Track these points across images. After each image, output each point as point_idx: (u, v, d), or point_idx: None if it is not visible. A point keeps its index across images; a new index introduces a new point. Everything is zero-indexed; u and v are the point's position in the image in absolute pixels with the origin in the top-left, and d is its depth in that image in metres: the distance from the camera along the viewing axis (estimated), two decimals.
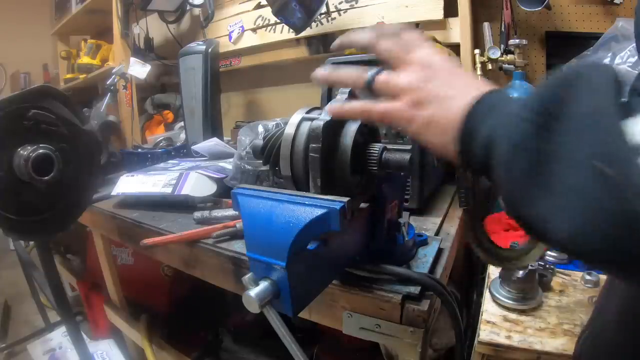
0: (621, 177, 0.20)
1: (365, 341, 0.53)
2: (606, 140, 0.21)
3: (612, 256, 0.22)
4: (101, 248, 1.15)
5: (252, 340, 1.23)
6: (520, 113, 0.27)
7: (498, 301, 0.70)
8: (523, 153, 0.26)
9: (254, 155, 0.54)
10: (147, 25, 1.79)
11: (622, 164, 0.21)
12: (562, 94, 0.24)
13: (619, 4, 0.98)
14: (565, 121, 0.24)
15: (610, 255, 0.22)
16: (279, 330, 0.41)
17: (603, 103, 0.22)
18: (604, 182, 0.21)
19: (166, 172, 0.90)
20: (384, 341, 0.51)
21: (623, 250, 0.21)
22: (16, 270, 1.79)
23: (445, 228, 0.73)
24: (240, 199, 0.45)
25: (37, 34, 2.62)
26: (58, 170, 0.62)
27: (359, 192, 0.48)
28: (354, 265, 0.52)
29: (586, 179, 0.22)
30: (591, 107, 0.23)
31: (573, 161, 0.23)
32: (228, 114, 1.74)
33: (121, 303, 1.24)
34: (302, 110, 0.49)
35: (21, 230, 0.62)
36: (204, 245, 0.67)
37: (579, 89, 0.23)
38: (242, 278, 0.40)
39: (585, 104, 0.23)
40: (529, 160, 0.25)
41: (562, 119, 0.24)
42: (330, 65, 0.43)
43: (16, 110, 0.58)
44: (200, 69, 1.30)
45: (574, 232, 0.23)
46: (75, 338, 0.85)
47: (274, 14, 1.23)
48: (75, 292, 1.72)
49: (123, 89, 1.63)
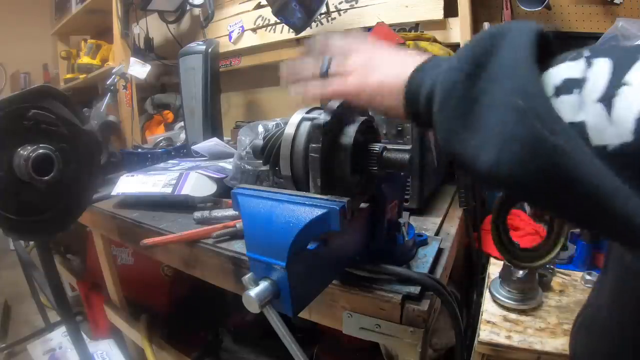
0: (531, 107, 0.23)
1: (365, 341, 0.53)
2: (522, 82, 0.25)
3: (524, 181, 0.24)
4: (101, 248, 1.15)
5: (252, 340, 1.23)
6: (453, 65, 0.30)
7: (498, 301, 0.70)
8: (454, 98, 0.29)
9: (254, 155, 0.54)
10: (147, 25, 1.79)
11: (533, 98, 0.24)
12: (489, 48, 0.28)
13: (619, 4, 0.98)
14: (491, 70, 0.27)
15: (524, 180, 0.24)
16: (279, 330, 0.41)
17: (522, 54, 0.25)
18: (517, 113, 0.24)
19: (166, 172, 0.90)
20: (384, 341, 0.51)
21: (532, 174, 0.24)
22: (16, 270, 1.79)
23: (445, 228, 0.73)
24: (240, 199, 0.45)
25: (37, 34, 2.62)
26: (58, 170, 0.62)
27: (359, 192, 0.48)
28: (354, 265, 0.52)
29: (504, 115, 0.25)
30: (512, 57, 0.26)
31: (495, 101, 0.26)
32: (228, 114, 1.74)
33: (121, 303, 1.24)
34: (302, 110, 0.49)
35: (21, 230, 0.62)
36: (204, 245, 0.67)
37: (504, 43, 0.27)
38: (242, 278, 0.40)
39: (507, 55, 0.26)
40: (458, 104, 0.29)
41: (487, 68, 0.27)
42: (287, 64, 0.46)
43: (16, 110, 0.58)
44: (200, 69, 1.30)
45: (494, 162, 0.25)
46: (75, 338, 0.85)
47: (274, 14, 1.23)
48: (75, 292, 1.72)
49: (123, 89, 1.63)
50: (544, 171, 0.23)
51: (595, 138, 0.22)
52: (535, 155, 0.23)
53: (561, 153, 0.22)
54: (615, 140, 0.21)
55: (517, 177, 0.25)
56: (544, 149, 0.23)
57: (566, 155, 0.22)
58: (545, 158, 0.23)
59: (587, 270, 0.77)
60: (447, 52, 0.88)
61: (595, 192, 0.22)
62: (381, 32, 0.83)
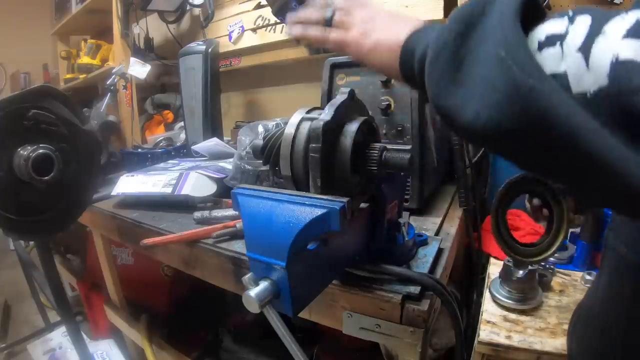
0: (511, 55, 0.24)
1: (365, 341, 0.53)
2: (504, 34, 0.26)
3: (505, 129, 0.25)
4: (101, 248, 1.15)
5: (252, 340, 1.23)
6: (444, 27, 0.32)
7: (498, 301, 0.70)
8: (444, 55, 0.31)
9: (254, 155, 0.54)
10: (147, 25, 1.79)
11: (513, 47, 0.25)
12: (480, 9, 0.29)
13: (619, 4, 0.98)
14: (480, 29, 0.29)
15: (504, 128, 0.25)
16: (279, 330, 0.41)
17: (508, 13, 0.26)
18: (498, 63, 0.25)
19: (166, 172, 0.90)
20: (384, 341, 0.51)
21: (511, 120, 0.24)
22: (16, 270, 1.79)
23: (445, 228, 0.73)
24: (240, 199, 0.45)
25: (37, 34, 2.62)
26: (58, 170, 0.62)
27: (359, 192, 0.48)
28: (354, 265, 0.52)
29: (487, 67, 0.26)
30: (499, 17, 0.27)
31: (480, 56, 0.27)
32: (228, 114, 1.74)
33: (121, 303, 1.24)
34: (302, 110, 0.49)
35: (21, 230, 0.62)
36: (204, 245, 0.67)
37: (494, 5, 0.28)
38: (242, 278, 0.40)
39: (496, 15, 0.28)
40: (447, 60, 0.30)
41: (477, 28, 0.29)
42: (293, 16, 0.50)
43: (16, 110, 0.58)
44: (200, 69, 1.30)
45: (476, 112, 0.26)
46: (75, 338, 0.85)
47: (274, 14, 1.21)
48: (75, 292, 1.72)
49: (123, 89, 1.63)
50: (523, 115, 0.24)
51: (575, 86, 0.23)
52: (513, 99, 0.24)
53: (538, 96, 0.23)
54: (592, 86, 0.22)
55: (497, 126, 0.25)
56: (522, 93, 0.23)
57: (544, 97, 0.23)
58: (523, 101, 0.23)
59: (587, 270, 0.77)
60: None
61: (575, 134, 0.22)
62: None
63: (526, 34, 0.26)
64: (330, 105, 0.45)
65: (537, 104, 0.23)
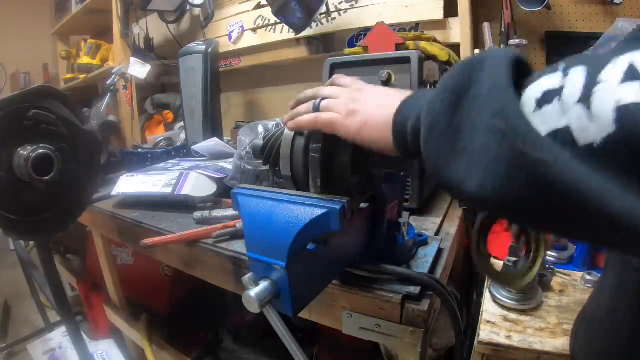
0: (510, 128, 0.24)
1: (365, 341, 0.53)
2: (500, 104, 0.26)
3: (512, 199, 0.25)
4: (101, 248, 1.15)
5: (252, 340, 1.23)
6: (435, 97, 0.31)
7: (498, 301, 0.70)
8: (439, 128, 0.31)
9: (254, 155, 0.54)
10: (147, 25, 1.79)
11: (512, 118, 0.25)
12: (468, 76, 0.29)
13: (619, 4, 0.98)
14: (471, 97, 0.29)
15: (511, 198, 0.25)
16: (279, 330, 0.41)
17: (499, 79, 0.27)
18: (498, 135, 0.25)
19: (166, 172, 0.90)
20: (384, 341, 0.51)
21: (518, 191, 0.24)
22: (16, 270, 1.79)
23: (445, 228, 0.73)
24: (240, 199, 0.45)
25: (37, 34, 2.62)
26: (58, 170, 0.62)
27: (359, 192, 0.48)
28: (354, 265, 0.52)
29: (486, 138, 0.26)
30: (490, 83, 0.27)
31: (476, 127, 0.27)
32: (228, 114, 1.74)
33: (121, 303, 1.24)
34: None
35: (21, 230, 0.62)
36: (204, 245, 0.67)
37: (482, 71, 0.28)
38: (242, 278, 0.40)
39: (486, 82, 0.28)
40: (443, 133, 0.30)
41: (468, 96, 0.29)
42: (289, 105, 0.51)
43: (16, 110, 0.58)
44: (200, 69, 1.30)
45: (481, 184, 0.26)
46: (75, 338, 0.85)
47: (274, 14, 1.23)
48: (75, 292, 1.72)
49: (123, 89, 1.63)
50: (530, 186, 0.24)
51: (581, 138, 0.23)
52: (519, 172, 0.24)
53: (544, 165, 0.23)
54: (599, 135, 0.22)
55: (504, 197, 0.25)
56: (527, 165, 0.23)
57: (549, 166, 0.23)
58: (528, 172, 0.23)
59: (587, 270, 0.77)
60: (447, 52, 0.88)
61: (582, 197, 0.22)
62: (381, 32, 0.83)
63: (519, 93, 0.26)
64: None
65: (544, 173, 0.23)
